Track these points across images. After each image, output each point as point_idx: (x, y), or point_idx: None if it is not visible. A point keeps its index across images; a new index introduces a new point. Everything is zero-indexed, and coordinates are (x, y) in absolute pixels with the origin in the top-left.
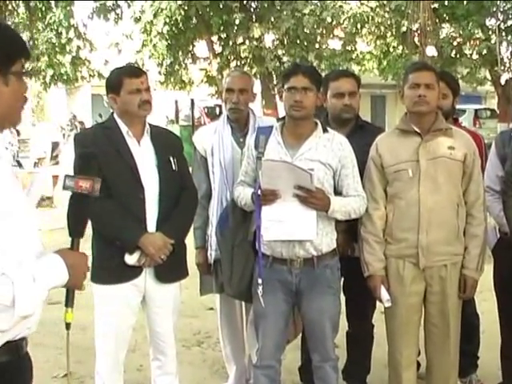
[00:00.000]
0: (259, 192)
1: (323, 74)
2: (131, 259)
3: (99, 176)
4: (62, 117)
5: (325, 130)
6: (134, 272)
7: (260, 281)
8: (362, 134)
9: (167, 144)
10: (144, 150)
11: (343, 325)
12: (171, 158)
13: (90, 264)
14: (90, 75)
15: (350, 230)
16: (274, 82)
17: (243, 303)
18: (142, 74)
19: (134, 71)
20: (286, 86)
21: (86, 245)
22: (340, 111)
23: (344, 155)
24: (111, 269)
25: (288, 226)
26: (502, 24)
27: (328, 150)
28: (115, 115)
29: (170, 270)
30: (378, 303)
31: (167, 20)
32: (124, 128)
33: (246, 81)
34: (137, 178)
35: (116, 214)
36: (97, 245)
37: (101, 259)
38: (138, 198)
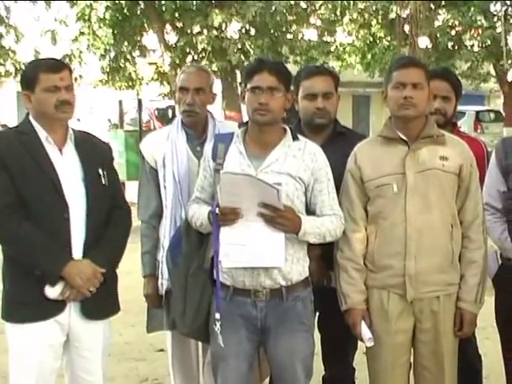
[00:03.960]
0: (217, 210)
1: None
2: (53, 292)
3: (13, 191)
4: None
5: (295, 138)
6: (55, 307)
7: (218, 316)
8: (340, 143)
9: (95, 153)
10: (67, 160)
11: (319, 368)
12: (100, 170)
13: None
14: (16, 69)
15: (324, 255)
16: (238, 80)
17: (199, 343)
18: (62, 69)
19: (52, 65)
20: (248, 86)
21: None
22: (312, 115)
23: (317, 167)
24: (28, 304)
25: (251, 251)
26: (510, 9)
27: (299, 161)
28: (31, 117)
29: (99, 304)
30: (359, 342)
31: (109, 3)
32: (42, 133)
33: (203, 78)
34: (59, 194)
35: (35, 237)
36: (10, 275)
37: (15, 293)
38: (62, 217)
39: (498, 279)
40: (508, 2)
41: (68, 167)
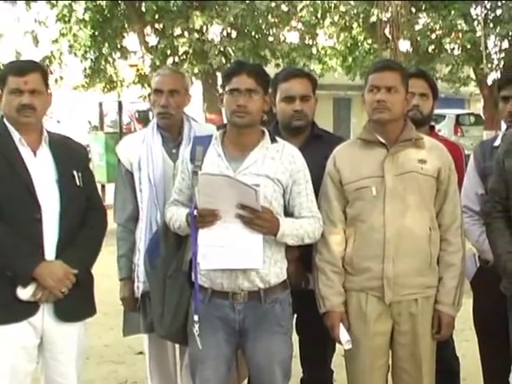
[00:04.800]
0: (195, 212)
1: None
2: (25, 293)
3: None
4: None
5: (273, 140)
6: (28, 308)
7: (196, 318)
8: (318, 146)
9: (70, 155)
10: (41, 162)
11: (297, 370)
12: (75, 172)
13: None
14: None
15: (303, 257)
16: (219, 82)
17: (177, 345)
18: (28, 73)
19: (19, 68)
20: (227, 88)
21: None
22: (290, 118)
23: (296, 169)
24: (0, 305)
25: (229, 253)
26: (490, 13)
27: (277, 163)
28: (5, 119)
29: (73, 305)
30: (337, 345)
31: (89, 5)
32: (16, 135)
33: (177, 80)
34: (32, 195)
35: (6, 238)
36: None
37: None
38: (34, 218)
39: (476, 282)
40: (488, 6)
41: (41, 169)
